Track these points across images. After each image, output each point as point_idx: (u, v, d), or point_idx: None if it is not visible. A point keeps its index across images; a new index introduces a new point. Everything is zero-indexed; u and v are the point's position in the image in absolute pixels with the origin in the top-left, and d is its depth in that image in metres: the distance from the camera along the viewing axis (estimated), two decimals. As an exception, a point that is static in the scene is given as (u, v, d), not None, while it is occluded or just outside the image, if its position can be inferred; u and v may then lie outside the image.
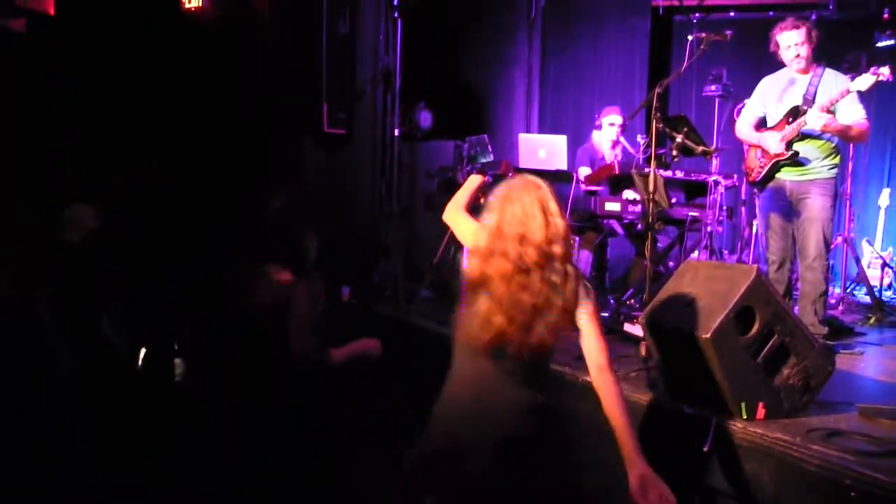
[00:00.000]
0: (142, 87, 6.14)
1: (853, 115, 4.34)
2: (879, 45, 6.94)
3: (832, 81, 4.42)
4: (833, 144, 4.48)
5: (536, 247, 2.21)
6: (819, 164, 4.44)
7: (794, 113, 4.42)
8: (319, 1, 6.39)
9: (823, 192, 4.40)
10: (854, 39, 6.97)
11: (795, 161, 4.44)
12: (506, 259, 2.21)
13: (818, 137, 4.43)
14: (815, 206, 4.38)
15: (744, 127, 4.78)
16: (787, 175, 4.51)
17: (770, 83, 4.70)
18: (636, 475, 2.21)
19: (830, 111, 4.32)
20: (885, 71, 4.10)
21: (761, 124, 4.72)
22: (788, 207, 4.52)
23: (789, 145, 4.43)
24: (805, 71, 4.50)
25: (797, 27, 4.42)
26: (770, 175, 4.55)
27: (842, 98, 4.26)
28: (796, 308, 4.51)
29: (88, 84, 5.87)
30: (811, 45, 4.43)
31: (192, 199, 6.06)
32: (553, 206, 2.26)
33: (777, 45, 4.52)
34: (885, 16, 6.96)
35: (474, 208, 2.52)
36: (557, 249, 2.23)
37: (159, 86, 6.14)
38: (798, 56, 4.45)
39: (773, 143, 4.51)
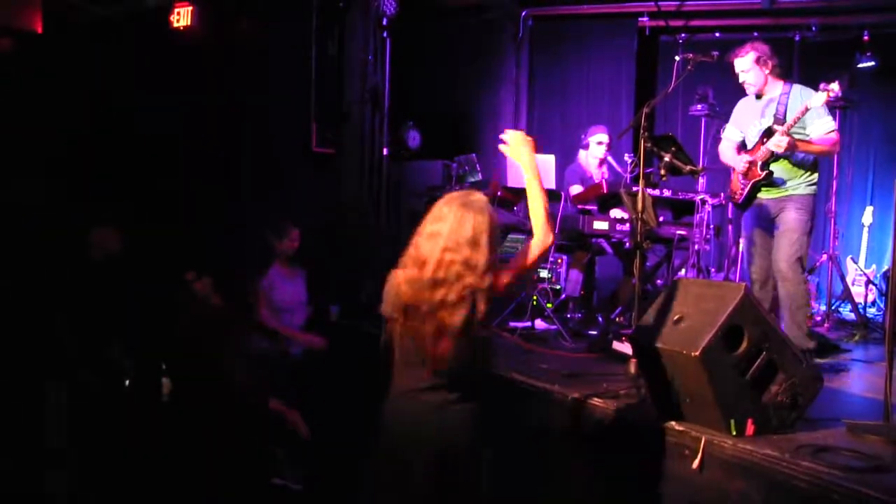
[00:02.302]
0: (129, 105, 6.13)
1: (821, 128, 4.38)
2: (860, 66, 7.07)
3: (798, 98, 4.44)
4: (809, 161, 4.50)
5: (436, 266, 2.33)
6: (795, 181, 4.47)
7: (768, 134, 4.45)
8: (308, 20, 6.43)
9: (799, 207, 4.42)
10: (836, 60, 7.08)
11: (771, 181, 4.48)
12: (419, 274, 2.34)
13: (790, 157, 4.46)
14: (789, 220, 4.41)
15: (725, 151, 4.84)
16: (765, 195, 4.56)
17: (743, 106, 4.77)
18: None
19: (796, 130, 4.34)
20: (834, 87, 4.17)
21: (743, 147, 4.76)
22: (769, 226, 4.55)
23: (765, 166, 4.47)
24: (762, 93, 4.56)
25: (742, 54, 4.49)
26: (751, 196, 4.60)
27: (801, 115, 4.29)
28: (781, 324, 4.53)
29: (76, 102, 5.87)
30: (763, 68, 4.47)
31: (177, 217, 6.04)
32: (467, 227, 2.34)
33: None
34: (866, 37, 7.09)
35: None
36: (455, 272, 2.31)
37: (146, 104, 6.14)
38: (745, 83, 4.54)
39: (739, 165, 4.61)
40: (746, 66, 4.50)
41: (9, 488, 3.54)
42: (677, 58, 4.64)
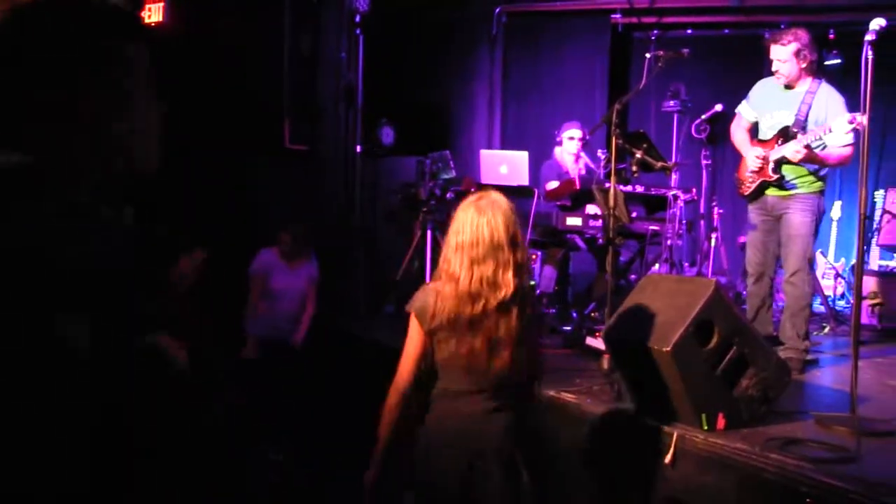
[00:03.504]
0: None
1: (843, 140, 4.18)
2: (827, 63, 7.18)
3: (823, 103, 4.24)
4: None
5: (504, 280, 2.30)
6: (801, 180, 4.33)
7: (784, 134, 4.28)
8: (281, 17, 6.39)
9: (803, 208, 4.29)
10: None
11: (782, 184, 4.36)
12: (455, 289, 2.30)
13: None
14: (795, 222, 4.29)
15: (738, 133, 4.62)
16: (771, 192, 4.42)
17: (763, 90, 4.53)
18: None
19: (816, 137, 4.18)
20: (862, 120, 3.77)
21: (754, 129, 4.58)
22: (770, 223, 4.45)
23: (778, 168, 4.31)
24: (792, 86, 4.35)
25: (784, 43, 4.24)
26: (759, 191, 4.46)
27: (824, 134, 4.14)
28: (777, 319, 4.56)
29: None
30: (801, 62, 4.25)
31: (152, 212, 5.96)
32: (485, 234, 2.30)
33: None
34: (832, 36, 7.20)
35: None
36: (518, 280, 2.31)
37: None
38: (778, 73, 4.32)
39: (751, 160, 4.42)
40: (784, 56, 4.24)
41: None
42: (648, 55, 4.61)
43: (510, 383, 2.37)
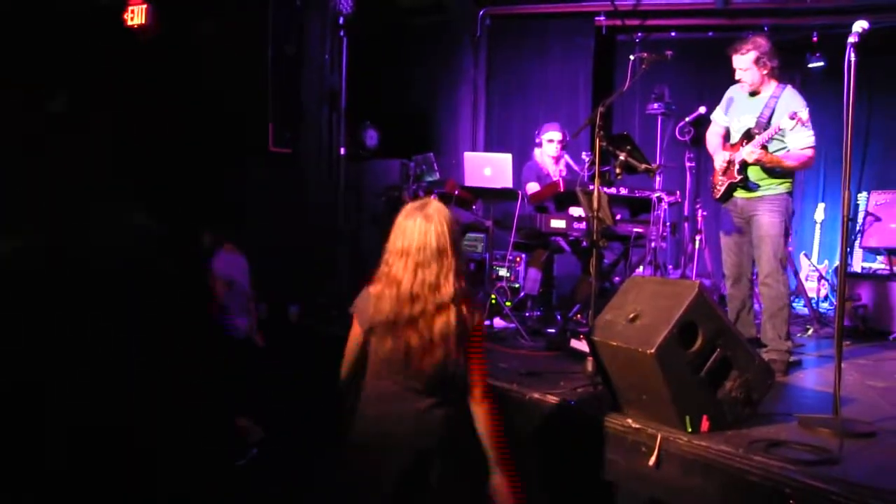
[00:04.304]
0: (81, 103, 5.99)
1: (799, 141, 4.29)
2: (811, 66, 7.24)
3: (785, 106, 4.31)
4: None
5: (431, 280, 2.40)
6: (766, 182, 4.40)
7: (748, 137, 4.37)
8: (265, 20, 6.36)
9: (771, 209, 4.35)
10: (788, 60, 7.19)
11: (747, 185, 4.42)
12: (396, 292, 2.40)
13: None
14: (764, 224, 4.34)
15: (711, 138, 4.73)
16: (739, 195, 4.49)
17: (734, 95, 4.63)
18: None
19: (775, 138, 4.29)
20: (803, 115, 4.10)
21: (728, 134, 4.66)
22: (741, 225, 4.51)
23: (742, 169, 4.39)
24: (757, 91, 4.45)
25: (743, 52, 4.35)
26: (728, 194, 4.52)
27: (775, 134, 4.25)
28: (759, 321, 4.57)
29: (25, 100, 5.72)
30: (762, 69, 4.36)
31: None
32: (432, 240, 2.38)
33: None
34: (815, 38, 7.25)
35: None
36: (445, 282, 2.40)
37: (99, 103, 6.01)
38: (741, 81, 4.43)
39: (717, 162, 4.54)
40: (745, 65, 4.36)
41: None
42: (632, 57, 4.62)
43: (445, 381, 2.43)
